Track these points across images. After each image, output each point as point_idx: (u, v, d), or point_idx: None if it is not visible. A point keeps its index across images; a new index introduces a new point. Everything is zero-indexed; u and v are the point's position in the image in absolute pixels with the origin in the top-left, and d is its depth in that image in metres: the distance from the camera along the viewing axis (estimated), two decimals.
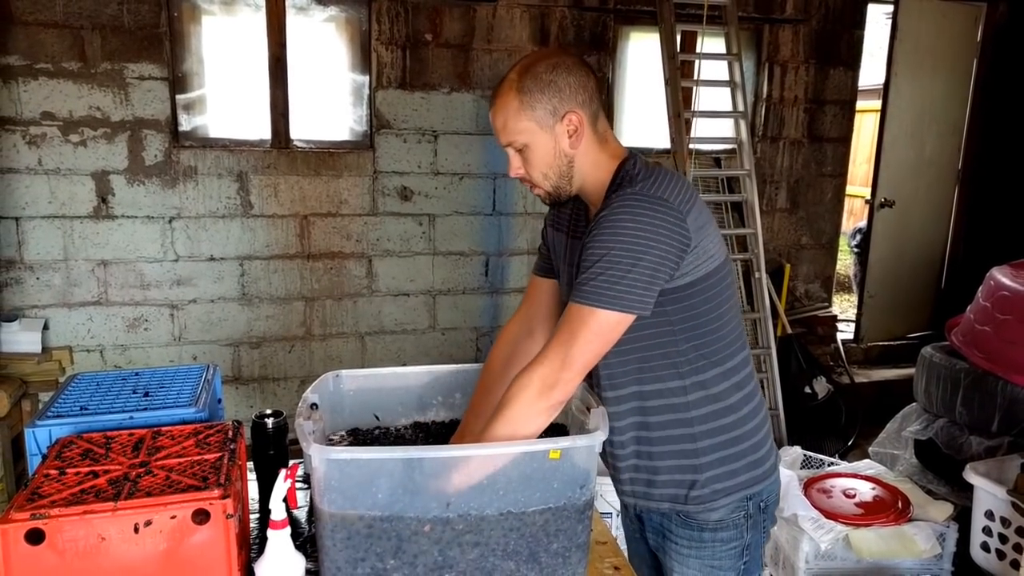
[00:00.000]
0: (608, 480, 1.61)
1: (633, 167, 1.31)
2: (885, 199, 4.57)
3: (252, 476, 1.48)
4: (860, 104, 4.58)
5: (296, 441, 1.28)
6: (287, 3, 3.51)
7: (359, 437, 1.50)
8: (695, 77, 3.65)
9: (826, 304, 4.67)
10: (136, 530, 1.04)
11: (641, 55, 4.07)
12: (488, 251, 3.92)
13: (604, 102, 1.36)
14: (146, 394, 1.44)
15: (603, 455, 1.47)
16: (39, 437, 1.29)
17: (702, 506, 1.37)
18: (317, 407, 1.34)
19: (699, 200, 1.30)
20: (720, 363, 1.35)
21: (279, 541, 1.13)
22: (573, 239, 1.43)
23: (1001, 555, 2.53)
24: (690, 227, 1.25)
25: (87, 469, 1.14)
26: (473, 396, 1.52)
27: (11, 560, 1.00)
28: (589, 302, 1.22)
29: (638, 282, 1.22)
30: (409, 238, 3.79)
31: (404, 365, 3.76)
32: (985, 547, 2.60)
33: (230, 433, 1.26)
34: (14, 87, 3.20)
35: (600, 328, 1.23)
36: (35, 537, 1.00)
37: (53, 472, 1.13)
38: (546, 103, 1.27)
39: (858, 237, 5.86)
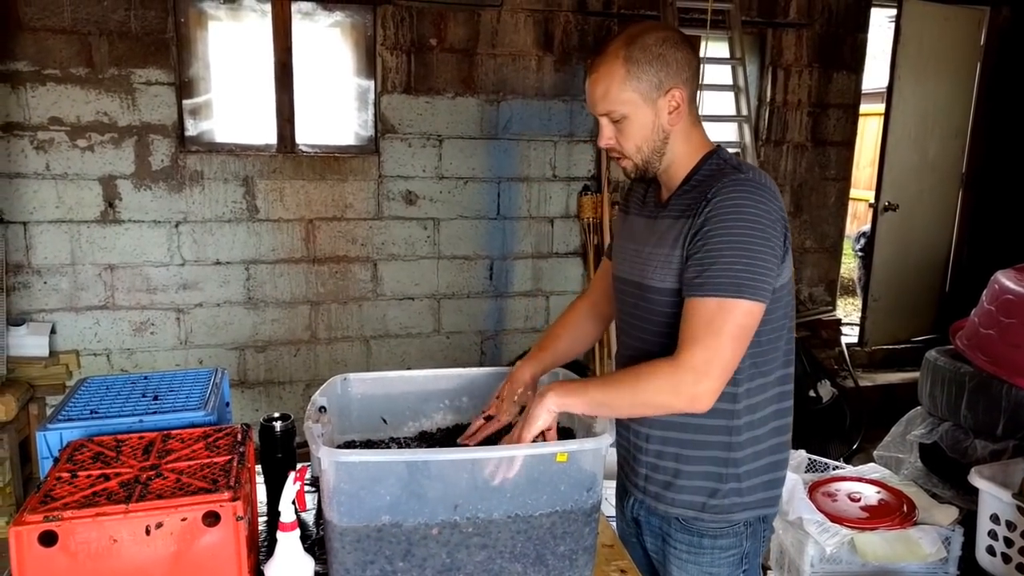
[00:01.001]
0: (614, 484, 1.61)
1: (730, 157, 1.30)
2: (889, 203, 4.57)
3: (260, 479, 1.49)
4: (864, 108, 4.59)
5: (303, 444, 1.29)
6: (293, 8, 3.52)
7: (369, 446, 1.51)
8: (699, 81, 3.66)
9: (830, 308, 4.66)
10: (147, 532, 1.05)
11: None
12: (493, 255, 3.93)
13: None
14: (155, 397, 1.45)
15: (621, 445, 1.46)
16: (50, 440, 1.31)
17: (719, 516, 1.35)
18: (325, 410, 1.35)
19: None
20: (766, 375, 1.33)
21: (288, 543, 1.14)
22: (645, 217, 1.39)
23: (1007, 559, 2.53)
24: (788, 228, 1.25)
25: (98, 472, 1.15)
26: (555, 326, 1.57)
27: (24, 562, 1.01)
28: (730, 294, 1.17)
29: (768, 269, 1.19)
30: (414, 242, 3.80)
31: (408, 369, 3.76)
32: (991, 551, 2.59)
33: (239, 436, 1.27)
34: (22, 92, 3.22)
35: (746, 321, 1.18)
36: (48, 539, 1.01)
37: (65, 475, 1.14)
38: (653, 76, 1.25)
39: (862, 241, 5.86)
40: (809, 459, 3.06)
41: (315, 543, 1.36)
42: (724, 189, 1.22)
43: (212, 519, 1.07)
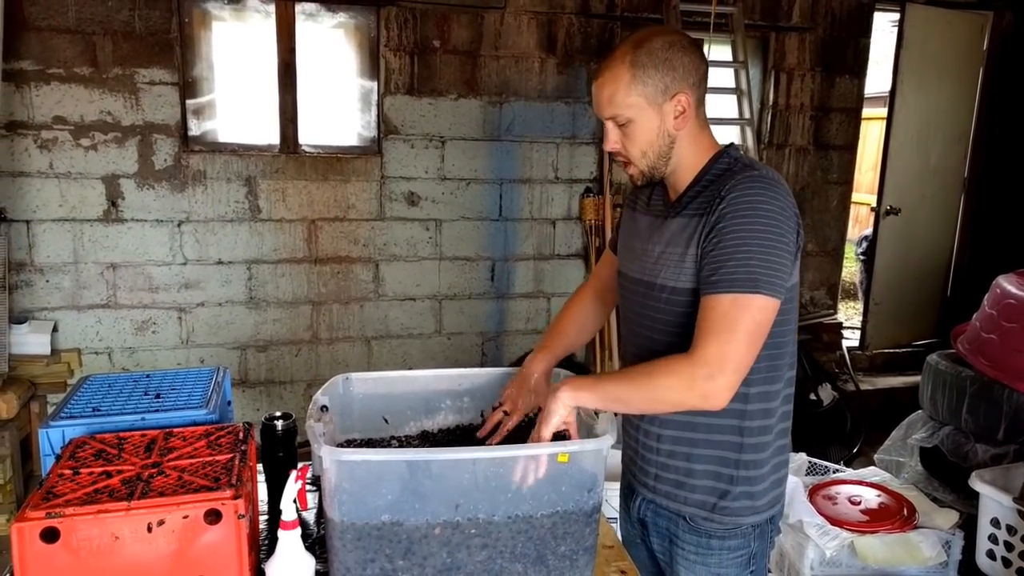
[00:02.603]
0: (616, 485, 1.61)
1: (742, 155, 1.30)
2: (891, 207, 4.57)
3: (260, 478, 1.49)
4: (866, 112, 4.58)
5: (304, 444, 1.30)
6: (296, 9, 3.53)
7: (370, 445, 1.51)
8: (706, 85, 3.66)
9: (831, 311, 4.66)
10: (149, 529, 1.05)
11: None
12: (494, 256, 3.94)
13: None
14: (157, 396, 1.46)
15: (630, 445, 1.46)
16: (52, 437, 1.31)
17: (728, 519, 1.34)
18: (327, 409, 1.35)
19: None
20: (778, 379, 1.33)
21: (290, 542, 1.14)
22: (654, 216, 1.38)
23: (1007, 563, 2.53)
24: (801, 226, 1.24)
25: (100, 469, 1.15)
26: (561, 319, 1.58)
27: (26, 558, 1.01)
28: (746, 289, 1.16)
29: (783, 265, 1.18)
30: (416, 243, 3.81)
31: (410, 369, 3.76)
32: (991, 555, 2.59)
33: (241, 435, 1.28)
34: (26, 91, 3.23)
35: (761, 316, 1.17)
36: (50, 536, 1.02)
37: (67, 472, 1.14)
38: (659, 80, 1.25)
39: (864, 244, 5.86)
40: (809, 462, 3.06)
41: (316, 542, 1.36)
42: (739, 186, 1.21)
43: (214, 517, 1.07)
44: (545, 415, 1.24)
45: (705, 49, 3.90)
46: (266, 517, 1.42)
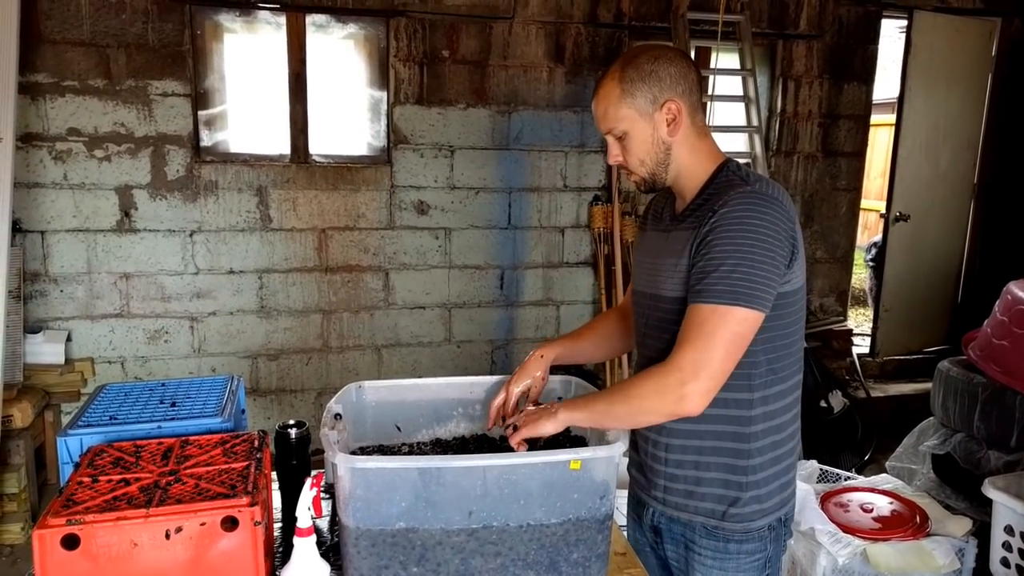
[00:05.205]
0: (625, 493, 1.62)
1: (739, 169, 1.34)
2: (900, 213, 4.56)
3: (275, 486, 1.51)
4: (874, 118, 4.58)
5: (317, 451, 1.31)
6: (307, 21, 3.57)
7: (383, 453, 1.52)
8: (709, 92, 3.68)
9: (841, 318, 4.65)
10: (167, 536, 1.07)
11: None
12: (503, 264, 3.95)
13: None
14: (173, 404, 1.47)
15: (638, 456, 1.47)
16: (71, 446, 1.33)
17: (740, 524, 1.36)
18: (341, 417, 1.36)
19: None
20: (783, 381, 1.35)
21: (305, 548, 1.15)
22: (660, 231, 1.43)
23: (1021, 571, 2.51)
24: (797, 237, 1.28)
25: (119, 477, 1.17)
26: (585, 327, 1.63)
27: (47, 565, 1.03)
28: (725, 301, 1.20)
29: (768, 279, 1.22)
30: (425, 252, 3.83)
31: (419, 377, 3.77)
32: (1005, 563, 2.57)
33: (256, 443, 1.29)
34: (41, 104, 3.27)
35: (740, 328, 1.21)
36: (70, 543, 1.03)
37: (86, 480, 1.16)
38: (646, 92, 1.30)
39: (874, 251, 5.84)
40: (821, 470, 3.05)
41: (330, 549, 1.37)
42: (730, 202, 1.25)
43: (230, 524, 1.09)
44: (534, 424, 1.29)
45: (713, 57, 3.92)
46: (280, 524, 1.43)
